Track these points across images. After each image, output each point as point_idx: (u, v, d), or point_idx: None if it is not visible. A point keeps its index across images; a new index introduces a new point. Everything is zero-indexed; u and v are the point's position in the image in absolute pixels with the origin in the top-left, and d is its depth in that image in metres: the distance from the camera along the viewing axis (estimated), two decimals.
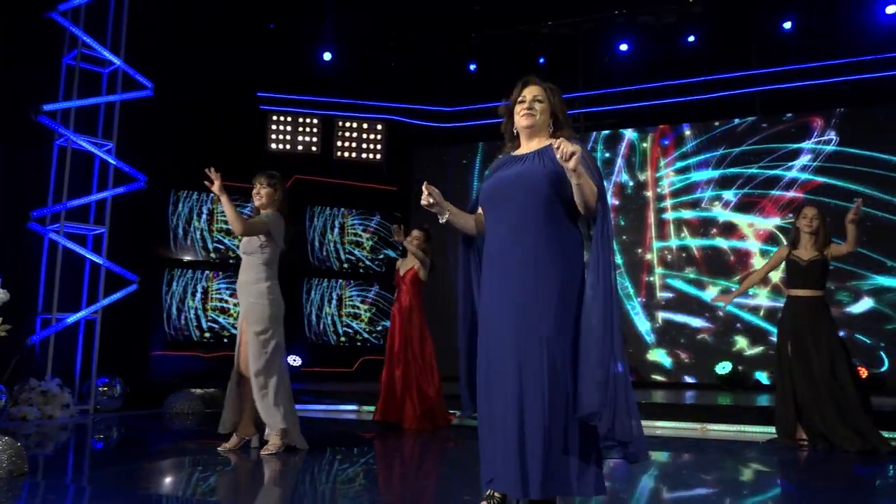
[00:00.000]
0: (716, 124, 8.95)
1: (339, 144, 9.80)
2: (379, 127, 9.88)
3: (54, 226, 6.53)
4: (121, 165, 6.93)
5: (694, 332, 8.78)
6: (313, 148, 9.72)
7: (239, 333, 4.48)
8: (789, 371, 5.05)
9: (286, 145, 9.63)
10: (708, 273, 8.78)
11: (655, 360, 8.89)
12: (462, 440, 5.29)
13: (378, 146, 9.87)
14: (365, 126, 9.86)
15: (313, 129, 9.73)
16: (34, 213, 6.41)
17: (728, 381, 8.35)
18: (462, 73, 10.06)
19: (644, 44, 9.27)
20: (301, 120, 9.69)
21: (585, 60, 9.55)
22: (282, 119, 9.64)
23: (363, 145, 9.85)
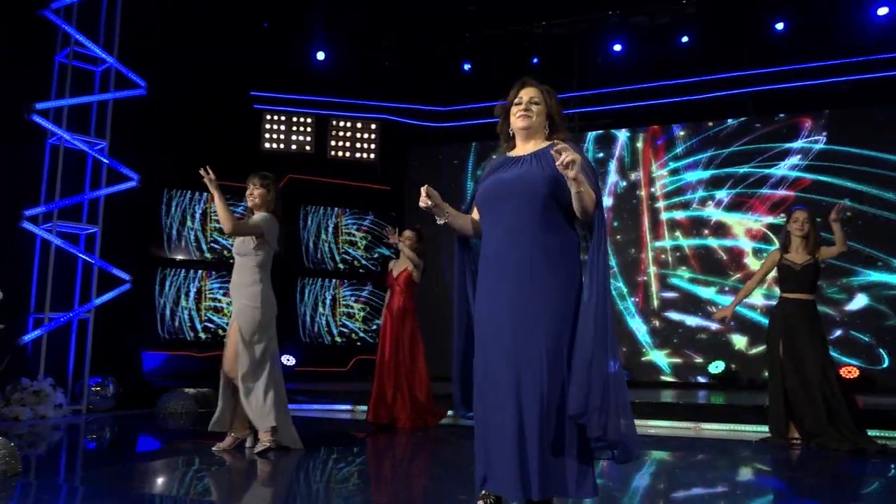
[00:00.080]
0: (709, 124, 8.98)
1: (333, 144, 9.79)
2: (373, 126, 9.87)
3: (47, 225, 6.51)
4: (114, 164, 6.91)
5: (687, 332, 8.81)
6: (307, 147, 9.70)
7: (228, 333, 4.47)
8: (781, 371, 5.10)
9: (280, 145, 9.62)
10: (702, 272, 8.81)
11: (649, 360, 8.91)
12: (456, 440, 5.29)
13: (372, 146, 9.86)
14: (359, 125, 9.86)
15: (307, 129, 9.71)
16: (26, 213, 6.38)
17: (721, 381, 8.38)
18: (456, 73, 10.06)
19: (638, 44, 9.29)
20: (295, 119, 9.68)
21: (579, 61, 9.57)
22: (275, 118, 9.62)
23: (357, 145, 9.84)
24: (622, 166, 9.33)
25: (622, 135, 9.39)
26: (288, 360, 8.82)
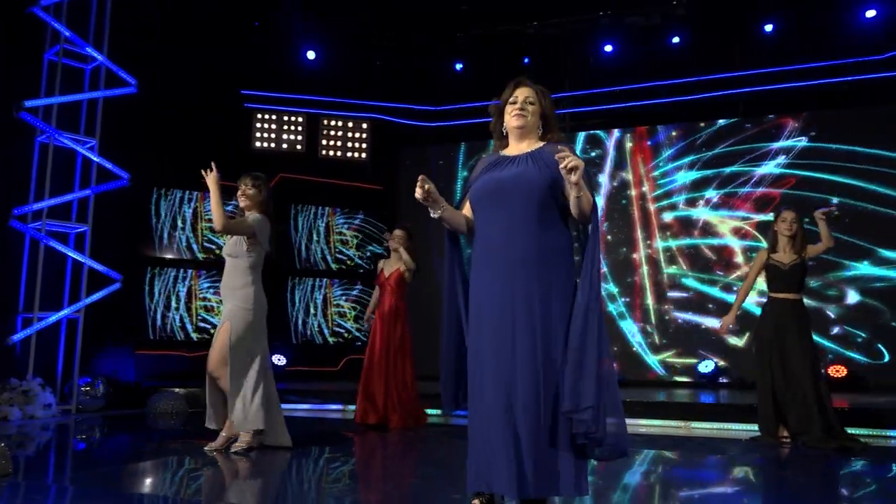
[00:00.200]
0: (701, 125, 9.01)
1: (324, 143, 9.76)
2: (364, 126, 9.86)
3: (36, 224, 6.46)
4: (103, 163, 6.87)
5: (678, 331, 8.84)
6: (298, 146, 9.68)
7: (217, 333, 4.45)
8: (770, 370, 5.13)
9: (270, 144, 9.59)
10: (693, 272, 8.85)
11: (640, 359, 8.94)
12: (447, 439, 5.30)
13: (363, 145, 9.85)
14: (350, 125, 9.84)
15: (298, 128, 9.69)
16: (15, 211, 6.33)
17: (711, 380, 8.42)
18: (448, 73, 10.06)
19: (629, 45, 9.32)
20: (286, 118, 9.65)
21: (571, 61, 9.59)
22: (266, 117, 9.59)
23: (348, 144, 9.82)
24: (613, 166, 9.35)
25: (613, 135, 9.41)
26: (279, 360, 8.79)
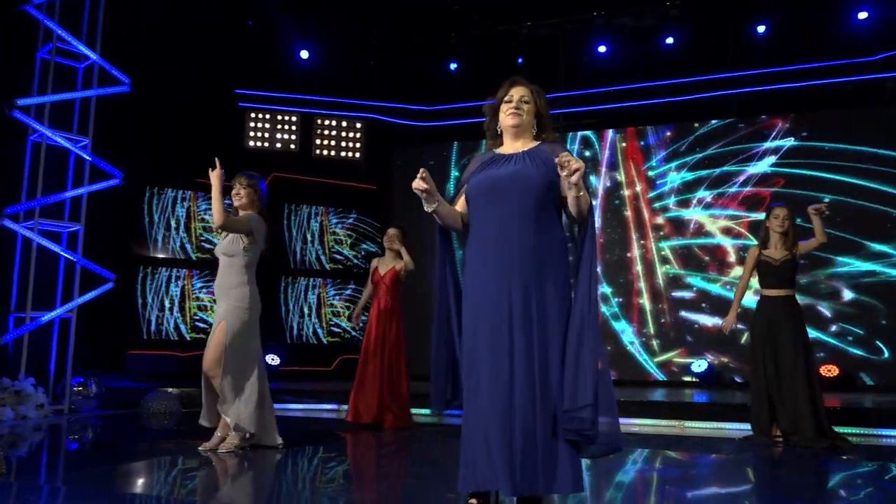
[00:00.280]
0: (695, 125, 9.04)
1: (318, 142, 9.75)
2: (358, 125, 9.85)
3: (28, 223, 6.43)
4: (96, 162, 6.83)
5: (672, 330, 8.87)
6: (292, 146, 9.66)
7: (212, 333, 4.44)
8: (763, 369, 5.14)
9: (264, 143, 9.57)
10: (687, 271, 8.87)
11: (634, 359, 8.96)
12: (441, 439, 5.30)
13: (357, 144, 9.84)
14: (344, 124, 9.83)
15: (292, 127, 9.67)
16: (7, 210, 6.29)
17: (705, 379, 8.45)
18: (442, 73, 10.06)
19: (623, 45, 9.34)
20: (280, 118, 9.63)
21: (565, 61, 9.60)
22: (260, 116, 9.57)
23: (342, 143, 9.81)
24: (607, 166, 9.37)
25: (607, 135, 9.43)
26: (272, 360, 8.77)
